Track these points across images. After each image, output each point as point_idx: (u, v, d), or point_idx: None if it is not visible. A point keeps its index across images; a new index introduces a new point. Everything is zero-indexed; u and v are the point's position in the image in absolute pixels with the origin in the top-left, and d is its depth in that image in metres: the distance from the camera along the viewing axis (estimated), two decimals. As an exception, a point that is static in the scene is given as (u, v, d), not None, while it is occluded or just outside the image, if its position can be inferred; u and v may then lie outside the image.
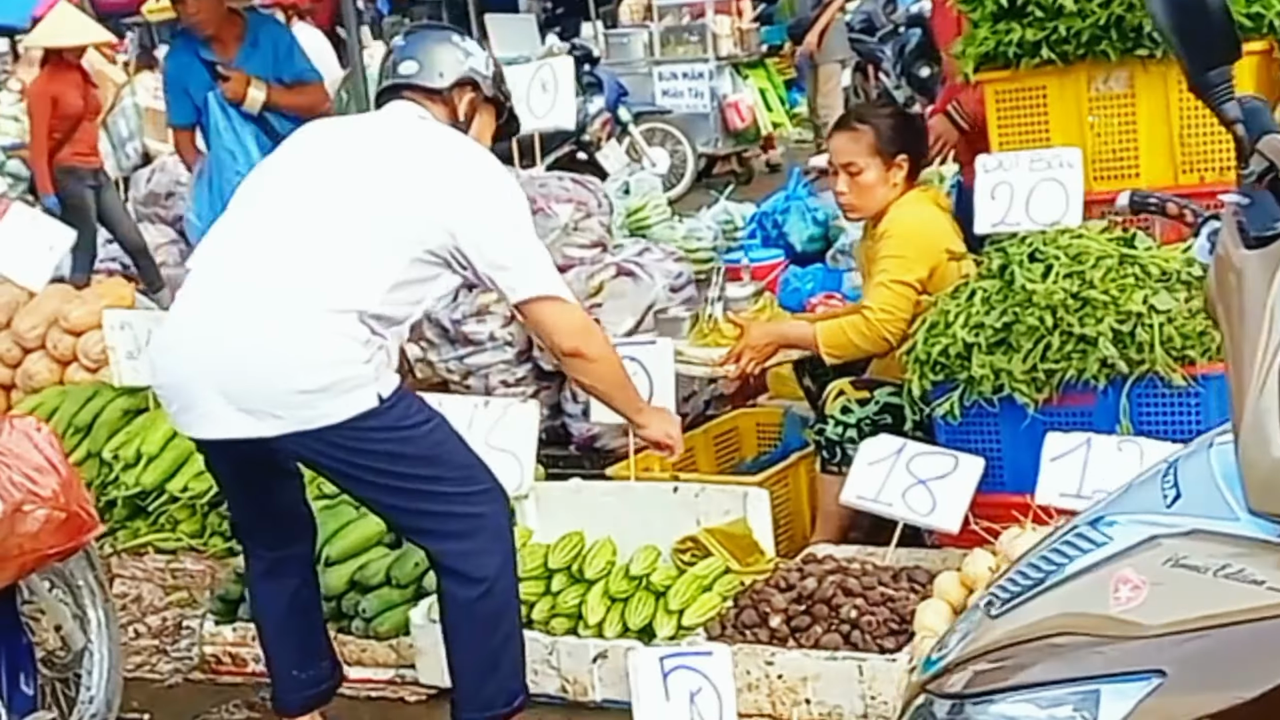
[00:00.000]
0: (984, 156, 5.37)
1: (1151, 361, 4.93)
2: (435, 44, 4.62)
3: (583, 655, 5.04)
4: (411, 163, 4.33)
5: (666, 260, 6.77)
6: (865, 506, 5.25)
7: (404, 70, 4.57)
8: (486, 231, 4.29)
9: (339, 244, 4.21)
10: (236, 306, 4.20)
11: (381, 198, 4.26)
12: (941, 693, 2.63)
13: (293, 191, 4.38)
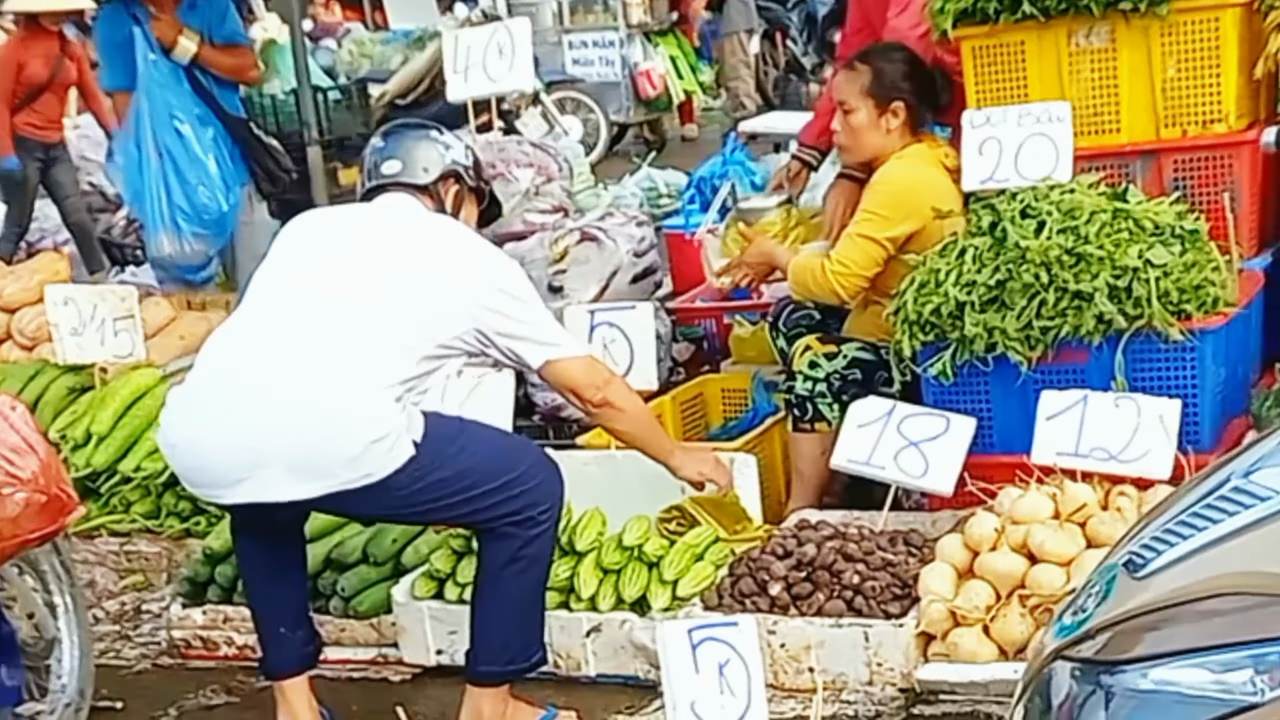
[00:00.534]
0: (970, 112, 5.27)
1: (1149, 316, 4.86)
2: (415, 142, 4.69)
3: (576, 629, 4.90)
4: (425, 259, 4.40)
5: (629, 224, 6.62)
6: (857, 470, 5.15)
7: (387, 170, 4.62)
8: (502, 315, 4.39)
9: (367, 331, 4.26)
10: (271, 388, 4.21)
11: (400, 297, 4.30)
12: (1084, 658, 2.51)
13: (312, 288, 4.38)
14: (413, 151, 4.63)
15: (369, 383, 4.17)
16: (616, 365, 5.35)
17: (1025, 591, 4.49)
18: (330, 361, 4.20)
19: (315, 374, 4.19)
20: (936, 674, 4.50)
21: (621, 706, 4.78)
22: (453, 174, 4.68)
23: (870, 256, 5.47)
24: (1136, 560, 2.58)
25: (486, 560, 4.41)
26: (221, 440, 4.21)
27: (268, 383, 4.21)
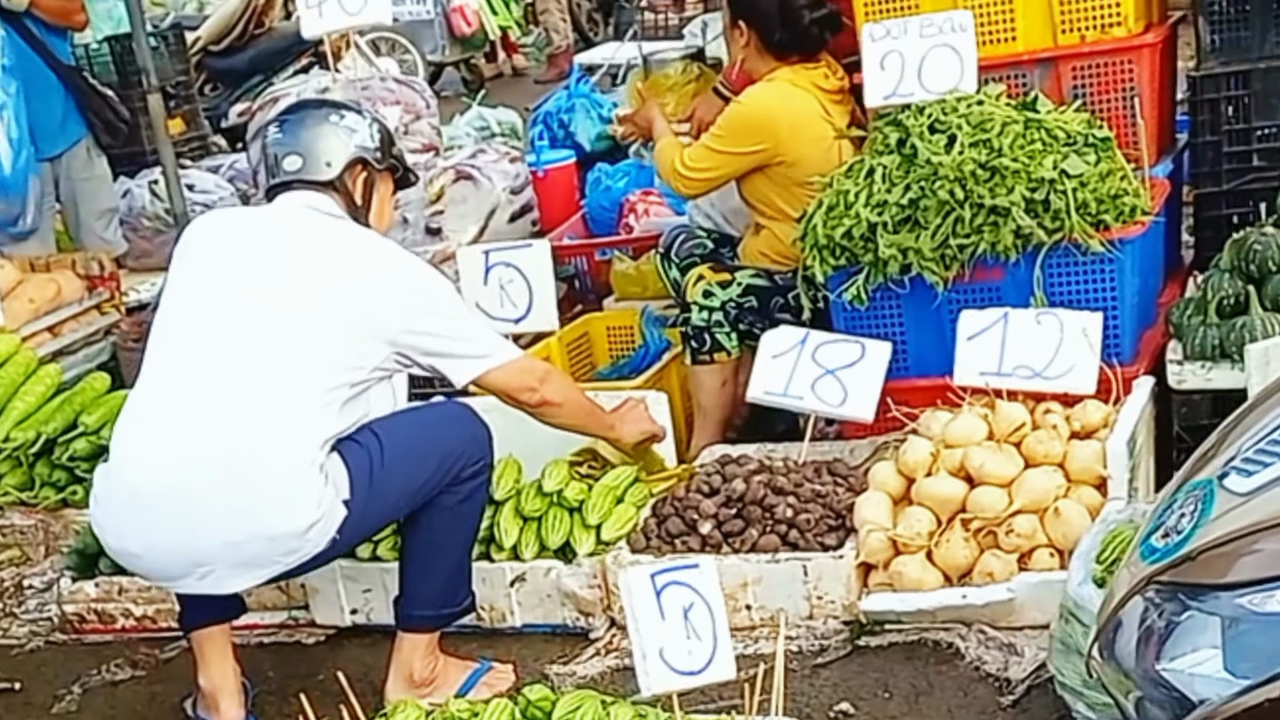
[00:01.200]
0: (870, 25, 5.10)
1: (1068, 229, 4.76)
2: (315, 130, 4.37)
3: (499, 580, 4.70)
4: (336, 288, 4.11)
5: (503, 160, 6.38)
6: (774, 402, 5.00)
7: (289, 166, 4.33)
8: (426, 335, 4.18)
9: (283, 382, 4.03)
10: (195, 467, 3.98)
11: (317, 329, 4.07)
12: (1191, 583, 2.36)
13: (222, 325, 4.11)
14: (314, 143, 4.32)
15: (297, 460, 3.96)
16: (515, 307, 5.13)
17: (966, 515, 4.39)
18: (254, 437, 3.97)
19: (240, 456, 3.95)
20: (882, 604, 4.38)
21: (554, 656, 4.60)
22: (359, 161, 4.38)
23: (712, 166, 5.49)
24: (1238, 477, 2.44)
25: (421, 516, 4.25)
26: (160, 556, 4.06)
27: (192, 478, 3.96)
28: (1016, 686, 4.06)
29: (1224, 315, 4.69)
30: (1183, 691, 2.44)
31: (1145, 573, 2.51)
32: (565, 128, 8.41)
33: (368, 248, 4.22)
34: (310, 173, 4.30)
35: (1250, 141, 5.22)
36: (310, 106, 4.53)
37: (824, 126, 5.43)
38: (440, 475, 4.22)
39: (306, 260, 4.15)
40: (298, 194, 4.30)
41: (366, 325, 4.09)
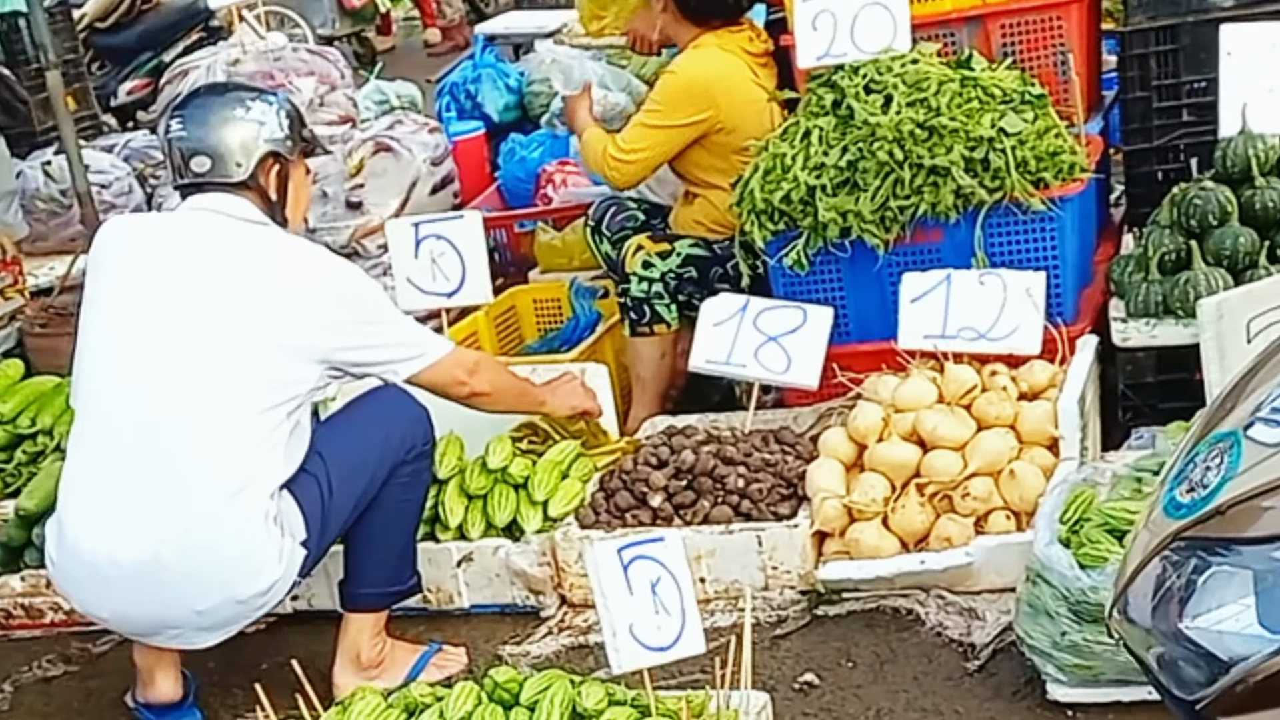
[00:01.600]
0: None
1: (1009, 187, 4.73)
2: (221, 125, 4.12)
3: (445, 560, 4.61)
4: (263, 312, 3.95)
5: (421, 131, 6.24)
6: (717, 371, 4.94)
7: (197, 168, 4.12)
8: (356, 349, 4.07)
9: (224, 430, 3.89)
10: (153, 543, 3.86)
11: (248, 361, 3.92)
12: (1220, 537, 2.31)
13: (150, 364, 3.94)
14: (221, 141, 4.09)
15: (252, 520, 3.86)
16: (447, 280, 5.02)
17: (921, 480, 4.34)
18: (208, 503, 3.84)
19: (198, 527, 3.84)
20: (839, 572, 4.33)
21: (505, 636, 4.51)
22: (270, 154, 4.16)
23: (651, 146, 5.35)
24: (1265, 427, 2.39)
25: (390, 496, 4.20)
26: (128, 622, 4.04)
27: (152, 555, 3.85)
28: (981, 651, 4.02)
29: (1166, 271, 4.67)
30: (1209, 649, 2.40)
31: (1171, 529, 2.46)
32: (473, 98, 8.27)
33: (289, 263, 4.03)
34: (220, 174, 4.10)
35: (1180, 96, 5.20)
36: (213, 96, 4.28)
37: (756, 90, 5.38)
38: (386, 470, 4.14)
39: (227, 286, 3.97)
40: (209, 197, 4.11)
41: (297, 348, 3.96)
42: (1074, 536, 3.78)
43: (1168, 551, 2.42)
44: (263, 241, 4.07)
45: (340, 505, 4.05)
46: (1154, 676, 2.56)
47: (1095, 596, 3.58)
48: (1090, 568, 3.65)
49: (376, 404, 4.28)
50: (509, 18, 9.70)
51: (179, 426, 3.87)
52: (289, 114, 4.25)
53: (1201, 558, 2.38)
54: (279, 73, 6.19)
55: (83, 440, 4.01)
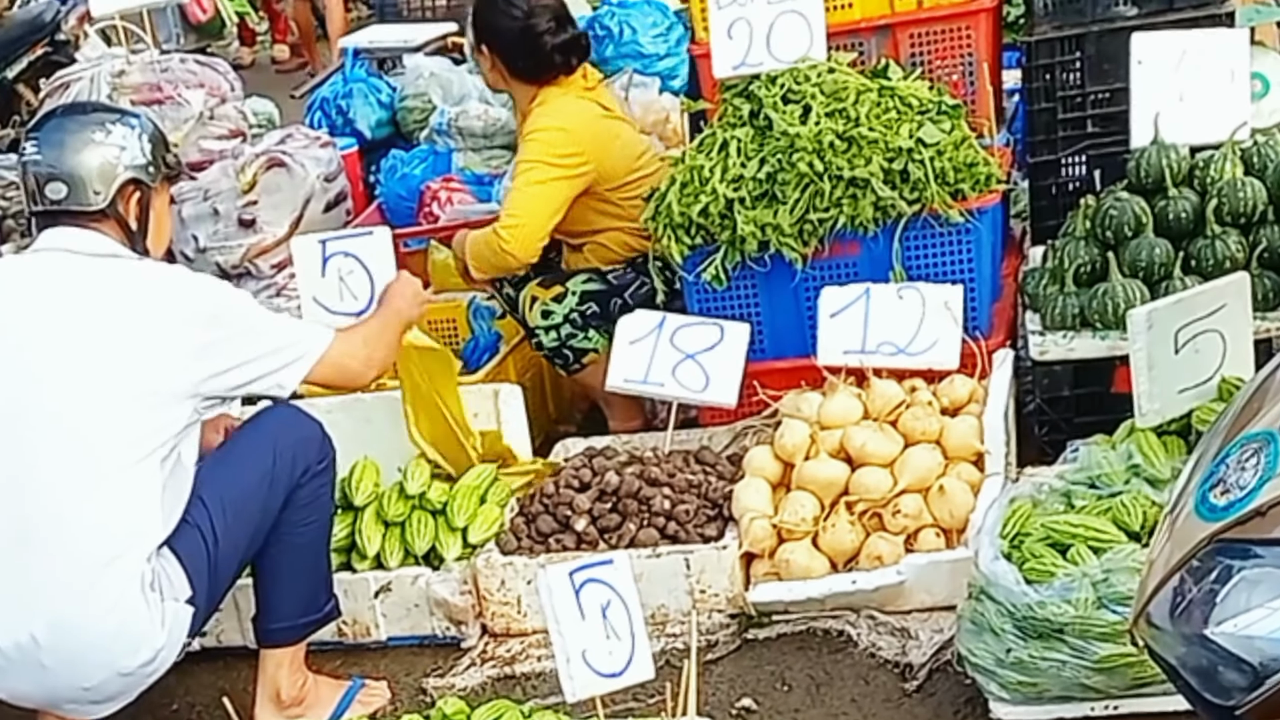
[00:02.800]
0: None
1: (927, 199, 4.69)
2: (78, 151, 3.87)
3: (362, 591, 4.46)
4: (122, 356, 3.69)
5: (314, 146, 6.05)
6: (634, 390, 4.84)
7: (52, 194, 3.85)
8: (228, 370, 3.81)
9: (91, 492, 3.63)
10: (27, 631, 3.62)
11: (111, 414, 3.66)
12: (1263, 538, 2.25)
13: (10, 429, 3.68)
14: (78, 167, 3.84)
15: (127, 593, 3.62)
16: (356, 299, 4.85)
17: (851, 498, 4.27)
18: (79, 581, 3.60)
19: (72, 611, 3.60)
20: (770, 594, 4.24)
21: (426, 669, 4.37)
22: (131, 181, 3.92)
23: (539, 200, 5.09)
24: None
25: (269, 532, 3.98)
26: (20, 698, 3.78)
27: (27, 643, 3.62)
28: (919, 671, 3.97)
29: (1082, 283, 4.66)
30: (1240, 654, 2.35)
31: (1208, 531, 2.40)
32: (344, 114, 8.07)
33: (143, 297, 3.76)
34: (77, 202, 3.84)
35: (1085, 107, 5.20)
36: (71, 118, 4.03)
37: (614, 125, 5.30)
38: (280, 498, 3.93)
39: (81, 337, 3.70)
40: (62, 233, 3.85)
41: (162, 391, 3.71)
42: (1016, 552, 3.73)
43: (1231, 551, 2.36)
44: (115, 279, 3.80)
45: (229, 551, 3.84)
46: (1184, 683, 2.50)
47: (1042, 612, 3.54)
48: (1036, 583, 3.60)
49: (260, 429, 4.05)
50: (373, 31, 9.49)
51: (41, 497, 3.63)
52: (151, 138, 4.01)
53: (1226, 562, 2.33)
54: (166, 84, 5.97)
55: None
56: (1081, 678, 3.52)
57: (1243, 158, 4.64)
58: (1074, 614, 3.49)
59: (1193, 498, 2.52)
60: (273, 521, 3.94)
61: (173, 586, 3.72)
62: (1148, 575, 2.59)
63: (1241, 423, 2.57)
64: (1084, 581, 3.53)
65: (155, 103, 5.95)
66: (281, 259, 5.77)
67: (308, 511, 4.02)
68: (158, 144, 4.03)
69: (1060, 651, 3.52)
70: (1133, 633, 2.65)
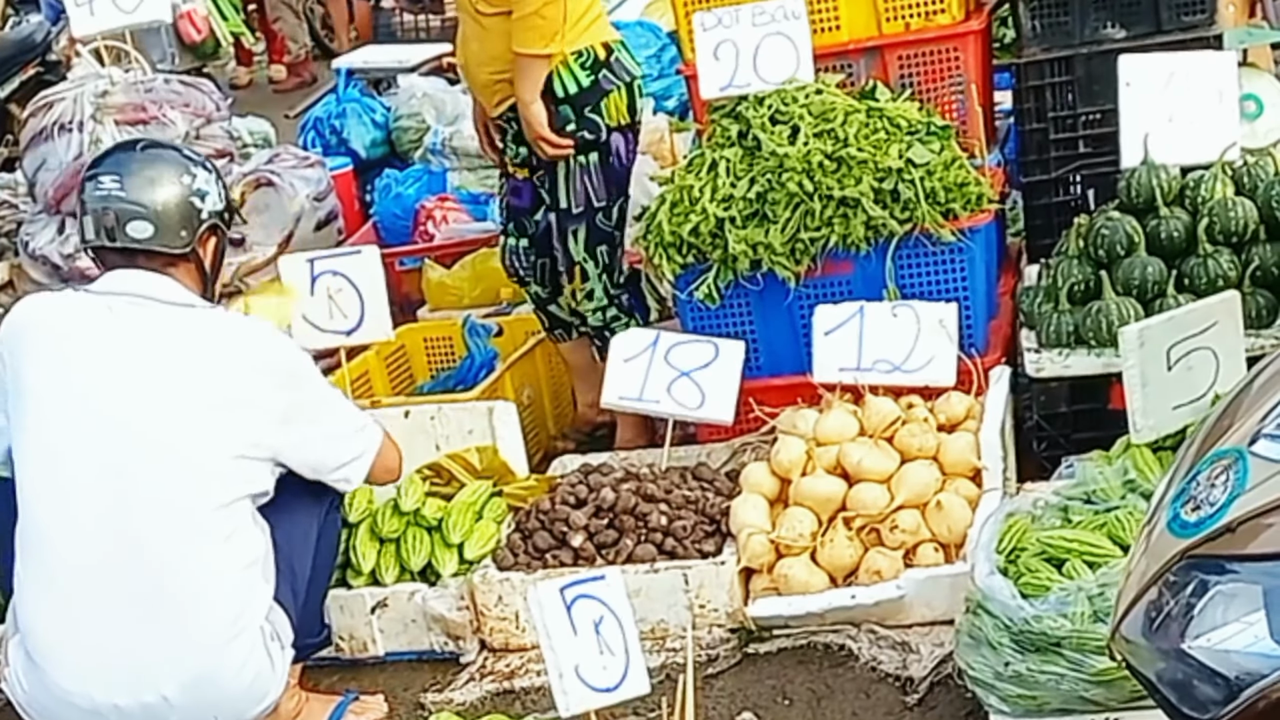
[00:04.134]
0: (701, 14, 4.98)
1: (919, 218, 4.72)
2: (164, 190, 3.82)
3: (359, 607, 4.47)
4: (215, 423, 3.70)
5: (302, 166, 6.07)
6: (630, 407, 4.86)
7: (136, 233, 3.79)
8: (303, 444, 3.85)
9: (204, 559, 3.66)
10: (153, 679, 3.64)
11: (212, 485, 3.69)
12: (1231, 554, 2.28)
13: (110, 484, 3.66)
14: (167, 209, 3.80)
15: (254, 657, 3.71)
16: (345, 318, 4.89)
17: (848, 513, 4.30)
18: (205, 642, 3.65)
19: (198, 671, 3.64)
20: (770, 609, 4.26)
21: (424, 684, 4.38)
22: (211, 228, 3.91)
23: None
24: (1270, 443, 2.38)
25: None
26: None
27: (153, 701, 3.64)
28: (919, 684, 3.99)
29: (1075, 301, 4.69)
30: (1215, 667, 2.38)
31: (1179, 547, 2.43)
32: (338, 134, 8.13)
33: (229, 351, 3.77)
34: (162, 243, 3.80)
35: (1076, 128, 5.24)
36: (150, 154, 3.95)
37: None
38: (318, 529, 4.00)
39: (180, 392, 3.69)
40: (139, 275, 3.80)
41: (251, 451, 3.74)
42: (1012, 566, 3.75)
43: (1201, 567, 2.39)
44: (202, 334, 3.79)
45: (304, 585, 3.93)
46: (1162, 697, 2.53)
47: (1038, 626, 3.56)
48: (1032, 597, 3.62)
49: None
50: (367, 52, 9.56)
51: (160, 560, 3.64)
52: (224, 184, 4.04)
53: (1201, 577, 2.36)
54: (151, 105, 5.98)
55: (41, 561, 3.70)
56: (1080, 690, 3.54)
57: (1233, 178, 4.68)
58: (1071, 628, 3.51)
59: (1165, 513, 2.55)
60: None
61: (283, 635, 3.79)
62: (1124, 589, 2.62)
63: (1212, 440, 2.60)
64: (1079, 596, 3.55)
65: (140, 123, 5.97)
66: (271, 278, 5.78)
67: (326, 540, 4.06)
68: (223, 184, 4.03)
69: (1058, 665, 3.53)
70: (1110, 646, 2.69)
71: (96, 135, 5.92)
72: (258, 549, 3.77)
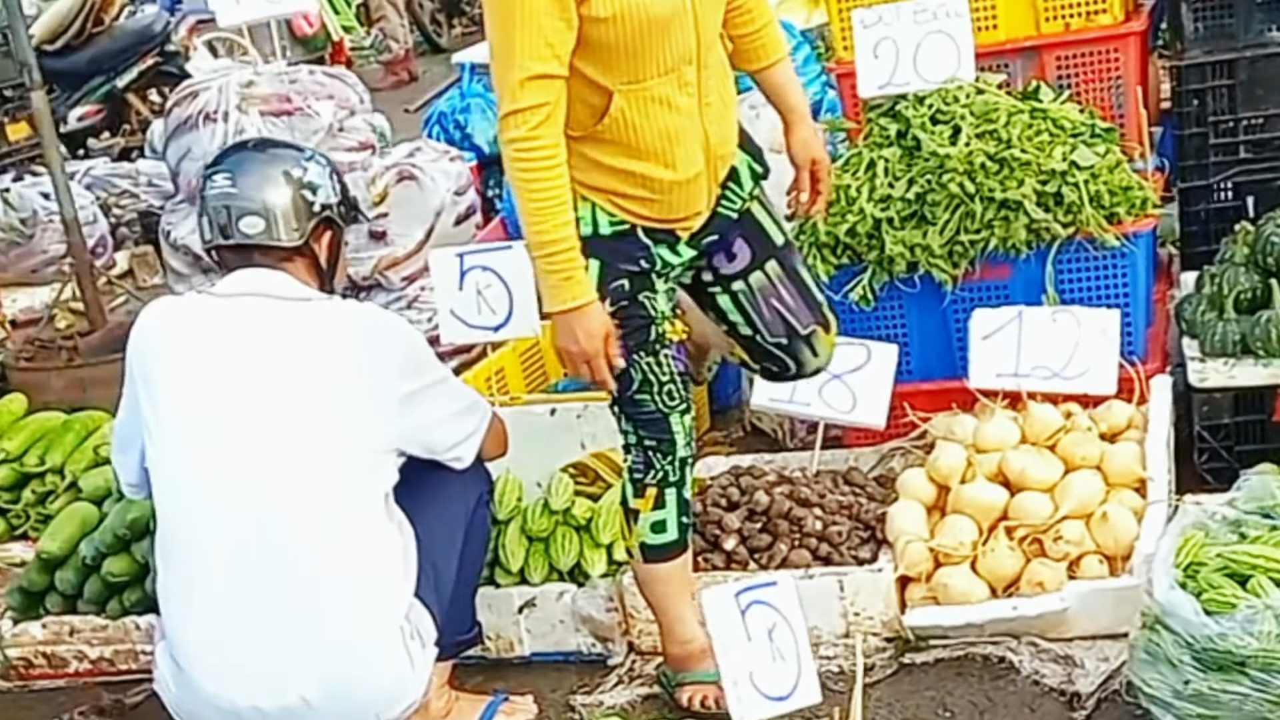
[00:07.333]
0: (860, 11, 4.87)
1: (1082, 222, 4.61)
2: (274, 186, 3.78)
3: (506, 606, 4.40)
4: (347, 405, 3.67)
5: (442, 160, 6.02)
6: (780, 409, 4.77)
7: (248, 229, 3.76)
8: (422, 428, 3.81)
9: (346, 556, 3.62)
10: (295, 680, 3.60)
11: (348, 479, 3.65)
12: None
13: (248, 485, 3.62)
14: (277, 203, 3.76)
15: (394, 656, 3.65)
16: (494, 313, 4.82)
17: (1011, 522, 4.19)
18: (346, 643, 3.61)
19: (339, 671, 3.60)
20: (928, 618, 4.16)
21: (572, 686, 4.31)
22: (325, 220, 3.86)
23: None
24: None
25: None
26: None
27: (294, 703, 3.60)
28: (1087, 700, 3.87)
29: (1242, 310, 4.57)
30: None
31: None
32: (462, 129, 8.06)
33: (349, 341, 3.72)
34: (272, 238, 3.76)
35: (1237, 133, 5.10)
36: (262, 153, 3.94)
37: None
38: (465, 526, 3.95)
39: (306, 391, 3.66)
40: (257, 274, 3.77)
41: (379, 444, 3.70)
42: (1191, 581, 3.63)
43: None
44: (320, 326, 3.74)
45: (449, 583, 3.87)
46: None
47: (1223, 644, 3.44)
48: (1216, 614, 3.51)
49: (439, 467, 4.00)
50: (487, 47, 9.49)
51: (296, 561, 3.60)
52: (340, 178, 3.98)
53: None
54: (295, 96, 5.94)
55: (181, 568, 3.67)
56: (1264, 712, 3.42)
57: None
58: (1257, 646, 3.40)
59: None
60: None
61: (424, 634, 3.73)
62: None
63: None
64: (1267, 614, 3.43)
65: (284, 114, 5.93)
66: (411, 272, 5.74)
67: (475, 537, 4.01)
68: (345, 185, 3.99)
69: (1242, 685, 3.42)
70: None
71: (241, 125, 5.89)
72: (395, 546, 3.72)
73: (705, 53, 3.69)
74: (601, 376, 3.69)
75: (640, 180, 3.70)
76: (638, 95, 3.62)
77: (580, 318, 3.62)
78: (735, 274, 3.98)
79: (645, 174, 3.69)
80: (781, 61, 4.05)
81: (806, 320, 4.04)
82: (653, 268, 3.79)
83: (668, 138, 3.67)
